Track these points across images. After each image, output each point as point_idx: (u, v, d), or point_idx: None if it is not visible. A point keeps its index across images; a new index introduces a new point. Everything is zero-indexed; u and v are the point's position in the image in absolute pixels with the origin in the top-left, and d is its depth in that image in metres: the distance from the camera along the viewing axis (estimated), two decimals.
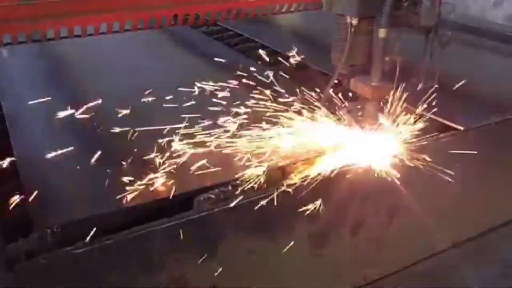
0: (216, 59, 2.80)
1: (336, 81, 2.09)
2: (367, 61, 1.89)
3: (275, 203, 1.78)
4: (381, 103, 1.94)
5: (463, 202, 2.37)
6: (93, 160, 1.91)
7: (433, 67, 2.18)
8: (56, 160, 1.92)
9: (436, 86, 2.22)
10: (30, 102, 2.31)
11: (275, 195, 1.76)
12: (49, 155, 1.93)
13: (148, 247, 1.59)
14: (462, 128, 2.19)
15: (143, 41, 3.65)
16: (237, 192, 1.76)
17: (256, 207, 1.74)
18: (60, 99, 2.46)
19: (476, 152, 2.26)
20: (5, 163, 1.89)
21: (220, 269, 1.74)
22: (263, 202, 1.75)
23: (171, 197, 1.73)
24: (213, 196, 1.73)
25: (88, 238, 1.50)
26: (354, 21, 1.79)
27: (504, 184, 2.50)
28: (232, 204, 1.70)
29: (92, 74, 2.96)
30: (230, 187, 1.78)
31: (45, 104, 2.35)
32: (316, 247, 1.97)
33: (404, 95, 1.99)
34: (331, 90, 2.02)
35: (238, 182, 1.80)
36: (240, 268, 1.80)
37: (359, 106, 1.97)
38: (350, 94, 2.09)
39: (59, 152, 1.93)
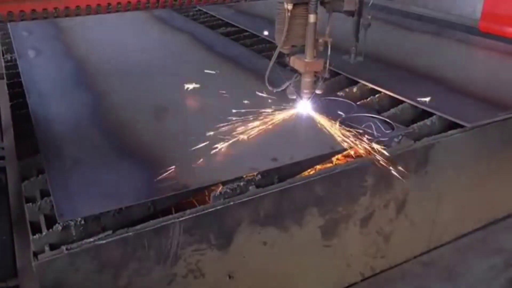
0: None
1: None
2: (304, 41, 2.16)
3: (288, 197, 1.84)
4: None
5: (468, 195, 2.42)
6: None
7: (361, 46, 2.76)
8: (81, 155, 1.98)
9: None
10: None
11: (287, 188, 1.82)
12: (73, 151, 2.00)
13: (166, 239, 1.65)
14: (468, 125, 2.22)
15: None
16: (251, 186, 1.82)
17: (270, 201, 1.80)
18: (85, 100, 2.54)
19: (481, 148, 2.32)
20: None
21: (235, 259, 1.80)
22: (276, 196, 1.81)
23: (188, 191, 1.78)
24: (228, 190, 1.78)
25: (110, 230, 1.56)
26: (290, 7, 2.03)
27: (506, 179, 2.55)
28: (246, 198, 1.75)
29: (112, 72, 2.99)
30: (245, 182, 1.83)
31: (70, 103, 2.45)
32: (326, 238, 2.02)
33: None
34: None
35: (252, 176, 1.86)
36: (254, 258, 1.86)
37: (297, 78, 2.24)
38: None
39: (83, 147, 2.00)
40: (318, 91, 2.21)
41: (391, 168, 2.00)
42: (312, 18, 2.07)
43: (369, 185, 2.04)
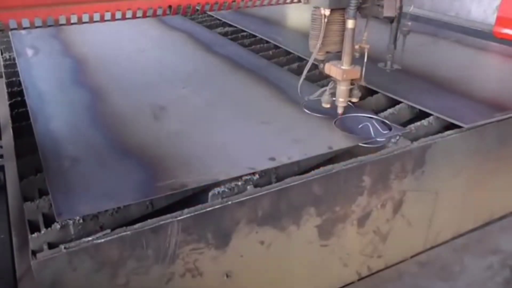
0: None
1: None
2: (340, 48, 2.11)
3: (285, 196, 1.85)
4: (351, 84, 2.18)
5: (464, 195, 2.43)
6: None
7: (399, 53, 2.64)
8: (79, 154, 1.98)
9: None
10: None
11: (285, 188, 1.83)
12: (72, 150, 2.00)
13: (164, 238, 1.65)
14: (465, 126, 2.23)
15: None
16: (249, 186, 1.82)
17: (267, 200, 1.81)
18: (84, 99, 2.53)
19: (478, 149, 2.33)
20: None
21: (233, 259, 1.81)
22: (274, 195, 1.82)
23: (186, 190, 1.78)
24: (227, 190, 1.78)
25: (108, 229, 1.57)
26: (327, 12, 1.98)
27: (502, 179, 2.56)
28: (244, 197, 1.76)
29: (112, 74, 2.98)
30: (243, 181, 1.83)
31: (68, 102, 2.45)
32: (323, 238, 2.03)
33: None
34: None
35: (250, 176, 1.86)
36: (251, 257, 1.87)
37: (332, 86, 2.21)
38: None
39: (82, 146, 2.00)
40: (353, 99, 2.17)
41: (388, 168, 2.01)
42: (350, 23, 2.01)
43: (366, 185, 2.04)
